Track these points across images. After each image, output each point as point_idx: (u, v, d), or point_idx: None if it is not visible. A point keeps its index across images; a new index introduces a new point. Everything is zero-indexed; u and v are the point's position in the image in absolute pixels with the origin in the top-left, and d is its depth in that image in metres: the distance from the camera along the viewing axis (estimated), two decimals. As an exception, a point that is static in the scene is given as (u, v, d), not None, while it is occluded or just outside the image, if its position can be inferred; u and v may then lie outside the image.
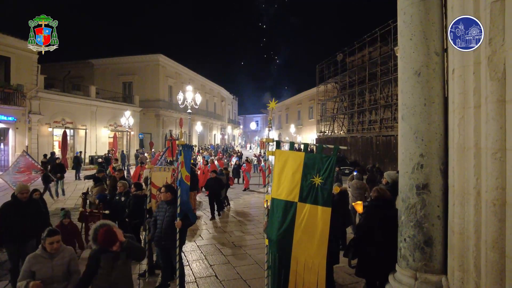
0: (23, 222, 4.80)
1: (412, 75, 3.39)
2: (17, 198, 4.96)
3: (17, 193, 4.99)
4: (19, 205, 4.94)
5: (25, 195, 5.00)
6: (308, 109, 44.15)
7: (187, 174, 4.99)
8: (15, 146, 18.91)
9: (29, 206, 5.05)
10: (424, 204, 3.30)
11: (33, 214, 5.08)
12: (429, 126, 3.30)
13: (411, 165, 3.40)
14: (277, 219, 3.78)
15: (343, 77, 28.79)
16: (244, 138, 68.37)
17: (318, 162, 3.68)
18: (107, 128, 25.89)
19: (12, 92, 18.43)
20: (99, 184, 7.56)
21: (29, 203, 5.07)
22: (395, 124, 19.88)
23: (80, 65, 32.05)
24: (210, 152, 25.39)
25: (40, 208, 5.44)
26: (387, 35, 21.15)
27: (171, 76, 34.45)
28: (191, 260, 6.24)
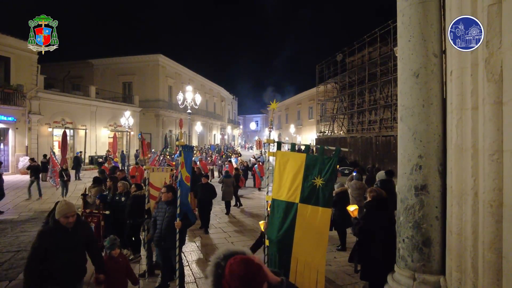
0: (71, 259, 3.35)
1: (411, 76, 3.41)
2: (59, 223, 3.35)
3: (60, 216, 3.33)
4: (63, 232, 3.34)
5: (71, 219, 3.34)
6: (308, 109, 44.19)
7: (187, 175, 5.01)
8: (15, 146, 18.93)
9: (76, 233, 3.45)
10: (423, 205, 3.32)
11: (83, 245, 3.56)
12: (428, 127, 3.32)
13: (409, 166, 3.42)
14: (278, 219, 3.81)
15: (343, 77, 28.83)
16: (244, 138, 68.41)
17: (319, 163, 3.72)
18: (107, 128, 25.93)
19: (12, 92, 18.46)
20: (97, 184, 7.58)
21: (77, 230, 3.45)
22: (394, 124, 19.91)
23: (79, 65, 32.09)
24: (209, 154, 25.37)
25: (91, 235, 3.92)
26: (387, 36, 21.19)
27: (171, 76, 34.47)
28: (191, 260, 6.26)
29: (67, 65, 30.94)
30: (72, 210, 3.37)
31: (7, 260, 6.23)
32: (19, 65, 19.09)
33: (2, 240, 7.52)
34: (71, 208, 3.38)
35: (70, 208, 3.37)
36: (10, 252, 6.68)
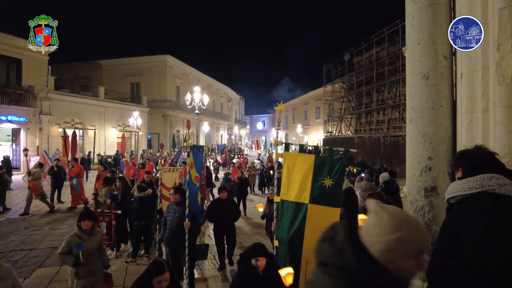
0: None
1: (420, 78, 3.41)
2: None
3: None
4: None
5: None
6: (315, 109, 44.03)
7: (196, 175, 5.08)
8: (26, 146, 19.22)
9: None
10: (432, 207, 3.32)
11: None
12: (437, 129, 3.32)
13: (419, 167, 3.42)
14: (288, 220, 3.86)
15: (351, 77, 28.68)
16: (251, 138, 68.47)
17: (328, 164, 3.77)
18: (115, 128, 26.22)
19: (23, 93, 18.81)
20: (108, 184, 7.70)
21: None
22: (403, 125, 19.76)
23: (88, 66, 32.39)
24: (211, 156, 25.28)
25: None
26: (394, 35, 21.02)
27: (178, 76, 34.68)
28: (200, 261, 6.32)
29: (76, 66, 31.28)
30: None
31: (20, 258, 6.38)
32: (30, 67, 19.42)
33: (15, 238, 7.69)
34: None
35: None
36: (24, 251, 6.82)
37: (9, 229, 8.44)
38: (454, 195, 1.83)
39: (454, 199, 1.84)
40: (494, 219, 1.61)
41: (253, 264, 3.02)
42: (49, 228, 8.63)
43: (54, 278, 5.55)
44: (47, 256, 6.55)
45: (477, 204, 1.71)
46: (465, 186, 1.77)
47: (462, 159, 1.90)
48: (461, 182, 1.80)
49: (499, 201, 1.66)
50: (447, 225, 1.84)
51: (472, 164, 1.80)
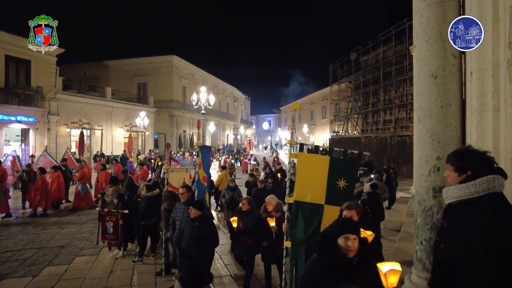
0: None
1: (428, 77, 3.36)
2: None
3: None
4: None
5: None
6: (321, 108, 43.86)
7: (204, 175, 5.09)
8: (35, 146, 19.50)
9: None
10: (441, 207, 3.27)
11: None
12: (446, 128, 3.27)
13: (427, 167, 3.38)
14: (303, 221, 3.86)
15: (357, 77, 28.49)
16: (257, 138, 68.45)
17: (343, 166, 3.85)
18: (122, 128, 26.41)
19: (32, 93, 19.05)
20: (114, 183, 7.75)
21: None
22: (410, 124, 19.57)
23: (95, 67, 32.64)
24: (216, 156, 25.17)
25: None
26: (401, 34, 20.83)
27: (184, 77, 34.83)
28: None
29: (84, 66, 31.49)
30: None
31: (29, 257, 6.46)
32: (39, 68, 19.65)
33: (24, 237, 7.79)
34: None
35: None
36: (32, 249, 6.91)
37: (18, 228, 8.57)
38: (461, 199, 1.82)
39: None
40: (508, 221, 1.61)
41: (340, 245, 2.05)
42: (57, 227, 8.72)
43: (63, 276, 5.61)
44: (55, 254, 6.62)
45: (488, 206, 1.72)
46: (472, 190, 1.77)
47: (473, 160, 1.88)
48: (466, 186, 1.81)
49: (505, 201, 1.67)
50: (455, 228, 1.84)
51: (486, 166, 1.80)
